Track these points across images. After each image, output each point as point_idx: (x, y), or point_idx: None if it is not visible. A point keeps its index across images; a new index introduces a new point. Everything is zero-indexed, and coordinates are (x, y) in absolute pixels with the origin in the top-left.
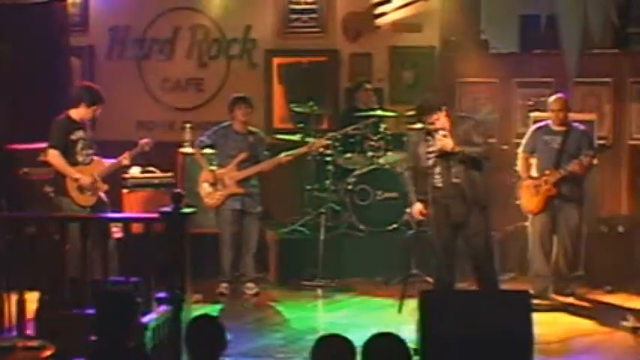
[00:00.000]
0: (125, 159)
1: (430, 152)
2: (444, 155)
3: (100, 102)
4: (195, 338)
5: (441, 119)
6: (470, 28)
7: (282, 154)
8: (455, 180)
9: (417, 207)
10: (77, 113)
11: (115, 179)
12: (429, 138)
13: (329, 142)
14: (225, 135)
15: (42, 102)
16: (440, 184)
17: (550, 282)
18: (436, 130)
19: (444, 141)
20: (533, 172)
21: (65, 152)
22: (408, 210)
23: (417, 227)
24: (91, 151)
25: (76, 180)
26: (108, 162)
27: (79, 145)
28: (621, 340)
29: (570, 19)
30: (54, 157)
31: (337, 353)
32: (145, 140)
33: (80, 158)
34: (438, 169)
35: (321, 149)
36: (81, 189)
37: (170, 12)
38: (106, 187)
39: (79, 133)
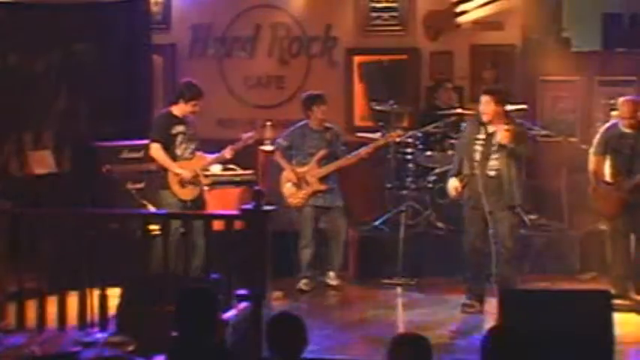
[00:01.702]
0: (228, 153)
1: (478, 139)
2: (487, 145)
3: (197, 98)
4: (277, 335)
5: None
6: (552, 26)
7: (362, 149)
8: (491, 173)
9: (453, 183)
10: (178, 109)
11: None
12: (482, 128)
13: (402, 132)
14: (303, 134)
15: (124, 100)
16: (477, 172)
17: (631, 282)
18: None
19: (504, 134)
20: (607, 173)
21: (165, 146)
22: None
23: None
24: (192, 146)
25: (177, 175)
26: (210, 157)
27: (178, 140)
28: None
29: None
30: (156, 150)
31: (415, 352)
32: (248, 134)
33: (179, 152)
34: (478, 157)
35: (397, 139)
36: (182, 183)
37: (251, 10)
38: (207, 181)
39: (179, 128)
